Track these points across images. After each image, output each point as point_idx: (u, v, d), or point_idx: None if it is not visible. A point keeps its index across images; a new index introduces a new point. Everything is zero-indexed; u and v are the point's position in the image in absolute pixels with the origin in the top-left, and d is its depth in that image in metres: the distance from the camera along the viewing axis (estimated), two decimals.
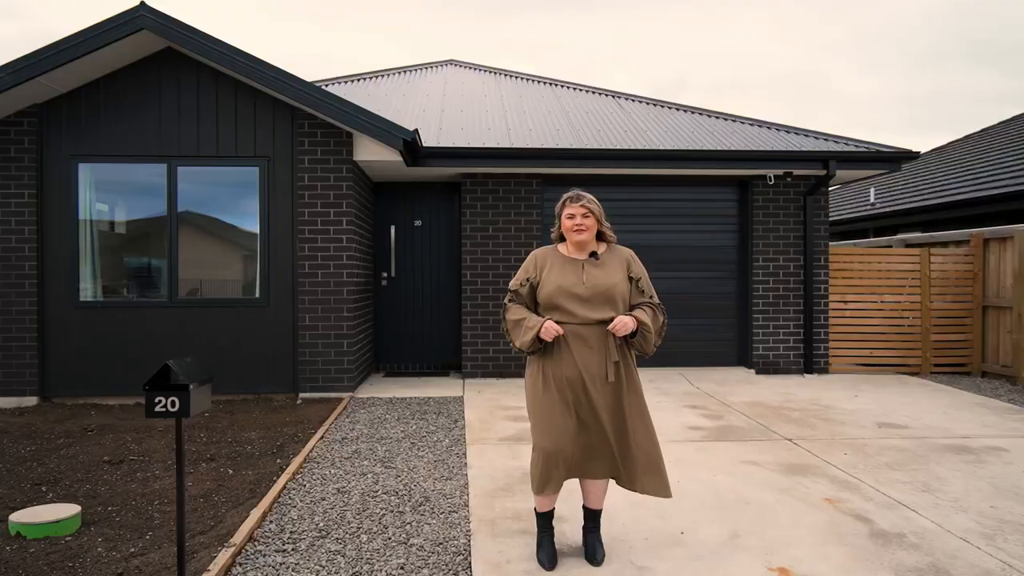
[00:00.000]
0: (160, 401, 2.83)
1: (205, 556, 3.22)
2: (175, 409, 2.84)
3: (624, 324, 2.95)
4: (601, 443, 3.05)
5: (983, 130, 14.74)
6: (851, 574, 3.05)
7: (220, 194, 6.90)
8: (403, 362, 8.63)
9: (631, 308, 3.10)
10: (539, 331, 2.97)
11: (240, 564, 3.19)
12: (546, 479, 3.04)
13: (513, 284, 3.22)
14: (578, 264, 3.10)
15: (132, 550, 3.35)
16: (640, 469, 3.06)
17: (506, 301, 3.22)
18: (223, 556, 3.17)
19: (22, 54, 6.07)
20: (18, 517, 3.55)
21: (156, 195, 6.67)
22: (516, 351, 3.13)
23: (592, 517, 3.25)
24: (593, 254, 3.13)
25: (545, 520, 3.21)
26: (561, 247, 3.21)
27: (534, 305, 3.15)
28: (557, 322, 3.00)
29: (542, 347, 3.05)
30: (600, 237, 3.17)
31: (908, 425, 5.70)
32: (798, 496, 4.00)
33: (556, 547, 3.22)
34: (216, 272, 7.07)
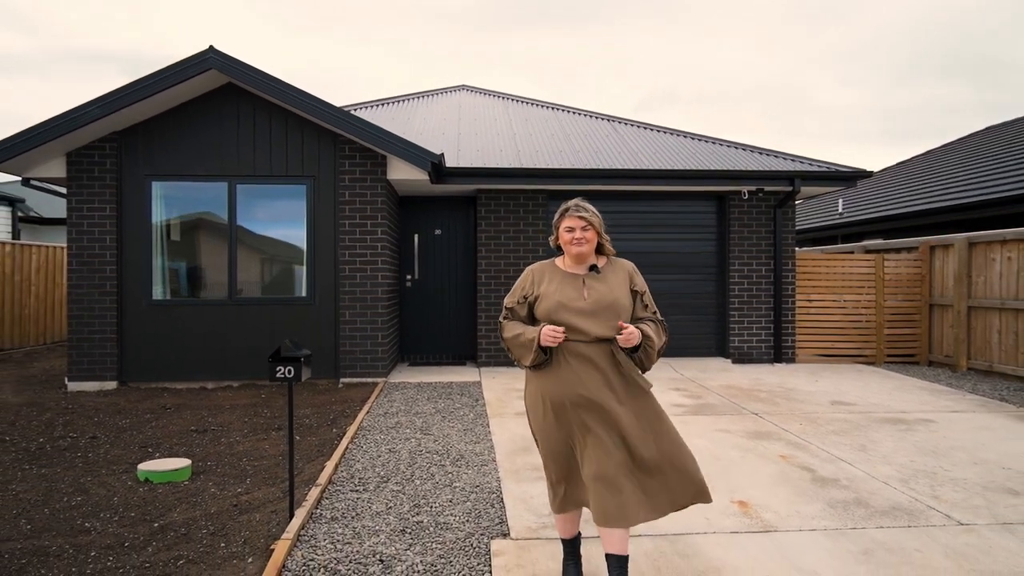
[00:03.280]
0: (280, 370, 3.82)
1: (299, 493, 4.11)
2: (291, 376, 3.82)
3: (634, 334, 2.67)
4: (613, 473, 2.67)
5: (944, 145, 15.47)
6: (794, 505, 3.85)
7: (273, 207, 7.70)
8: (425, 353, 9.41)
9: (634, 323, 2.82)
10: (538, 340, 2.71)
11: (327, 498, 4.09)
12: (560, 500, 2.87)
13: (508, 301, 2.93)
14: (578, 279, 2.84)
15: (239, 490, 4.24)
16: (672, 484, 2.76)
17: (501, 319, 2.95)
18: (314, 492, 4.08)
19: (112, 87, 7.06)
20: (145, 466, 4.48)
21: (218, 208, 7.52)
22: (523, 368, 2.90)
23: (616, 565, 2.68)
24: (593, 267, 2.88)
25: (570, 546, 2.96)
26: (559, 261, 2.96)
27: (532, 323, 2.88)
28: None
29: (547, 357, 2.76)
30: (599, 250, 2.92)
31: (856, 403, 6.58)
32: (758, 454, 4.85)
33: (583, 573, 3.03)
34: (269, 274, 7.86)
